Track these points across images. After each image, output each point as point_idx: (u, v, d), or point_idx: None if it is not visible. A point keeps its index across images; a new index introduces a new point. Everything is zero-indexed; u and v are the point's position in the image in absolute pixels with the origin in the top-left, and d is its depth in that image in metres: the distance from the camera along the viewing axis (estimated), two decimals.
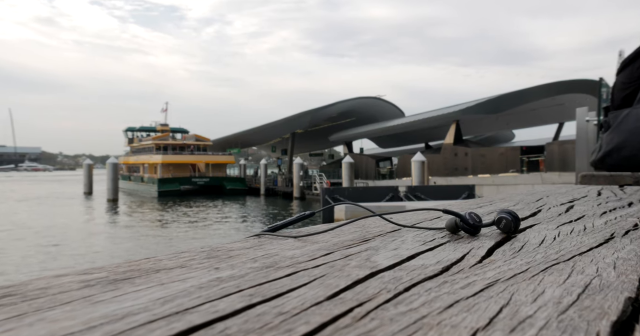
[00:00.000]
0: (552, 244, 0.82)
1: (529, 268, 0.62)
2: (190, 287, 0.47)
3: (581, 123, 10.57)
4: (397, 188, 16.36)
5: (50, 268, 10.15)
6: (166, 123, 52.45)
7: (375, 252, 0.71)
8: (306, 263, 0.62)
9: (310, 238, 0.85)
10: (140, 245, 13.59)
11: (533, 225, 1.10)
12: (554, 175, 21.45)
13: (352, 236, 0.89)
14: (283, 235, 0.86)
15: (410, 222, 1.11)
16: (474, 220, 0.91)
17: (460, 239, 0.87)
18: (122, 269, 0.55)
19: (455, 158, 29.45)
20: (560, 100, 30.27)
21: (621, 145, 4.25)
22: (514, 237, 0.92)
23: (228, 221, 20.25)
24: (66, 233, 15.43)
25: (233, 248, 0.73)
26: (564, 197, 2.23)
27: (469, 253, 0.72)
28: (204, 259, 0.63)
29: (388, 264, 0.62)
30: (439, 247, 0.77)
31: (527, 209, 1.59)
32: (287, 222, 0.96)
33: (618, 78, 4.66)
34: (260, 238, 0.86)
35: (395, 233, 0.93)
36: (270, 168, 48.92)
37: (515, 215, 0.95)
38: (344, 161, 27.89)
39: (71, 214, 21.77)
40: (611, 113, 4.55)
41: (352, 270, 0.58)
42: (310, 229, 0.97)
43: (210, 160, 43.54)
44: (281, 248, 0.74)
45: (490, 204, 1.84)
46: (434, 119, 32.88)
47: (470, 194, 16.31)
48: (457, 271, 0.59)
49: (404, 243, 0.80)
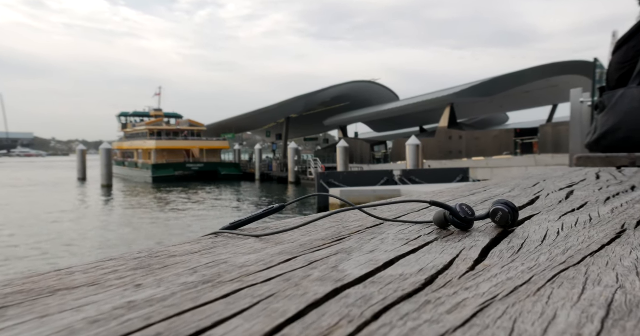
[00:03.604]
0: (556, 241, 0.70)
1: (532, 277, 0.50)
2: (81, 322, 0.34)
3: (575, 105, 10.47)
4: (391, 172, 16.30)
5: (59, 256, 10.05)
6: (160, 109, 52.05)
7: (347, 256, 0.59)
8: (257, 275, 0.50)
9: (275, 237, 0.73)
10: (136, 231, 13.48)
11: (532, 216, 0.99)
12: (547, 157, 21.43)
13: (325, 233, 0.77)
14: (244, 233, 0.74)
15: (395, 214, 1.00)
16: (465, 213, 0.79)
17: (450, 236, 0.75)
18: (9, 290, 0.42)
19: (450, 141, 29.37)
20: (554, 81, 30.14)
21: (616, 126, 4.17)
22: (511, 231, 0.80)
23: (222, 206, 20.14)
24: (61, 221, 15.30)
25: (176, 253, 0.61)
26: (561, 181, 2.11)
27: (459, 256, 0.60)
28: (129, 271, 0.51)
29: (359, 275, 0.50)
30: (424, 248, 0.65)
31: (524, 196, 1.47)
32: (253, 217, 0.84)
33: (613, 58, 4.56)
34: (217, 237, 0.74)
35: (376, 229, 0.81)
36: (265, 153, 48.82)
37: (513, 206, 0.83)
38: (338, 145, 27.74)
39: (68, 200, 21.60)
40: (606, 94, 4.47)
41: (312, 285, 0.46)
42: (280, 225, 0.85)
43: (204, 146, 43.33)
44: (235, 252, 0.62)
45: (484, 190, 1.72)
46: (429, 103, 32.73)
47: (465, 177, 16.26)
48: (443, 284, 0.48)
49: (384, 243, 0.68)
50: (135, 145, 45.59)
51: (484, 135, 29.65)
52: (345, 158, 26.99)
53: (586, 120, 9.83)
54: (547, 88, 31.52)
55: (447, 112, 31.03)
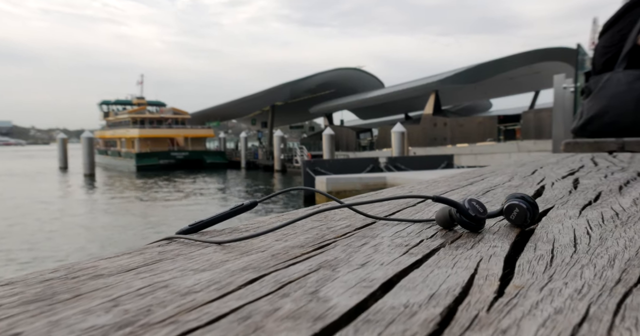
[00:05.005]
0: (591, 245, 0.57)
1: (589, 307, 0.36)
2: None
3: (558, 91, 10.43)
4: (377, 160, 16.21)
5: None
6: (142, 97, 51.31)
7: (332, 274, 0.45)
8: (203, 309, 0.35)
9: (241, 244, 0.58)
10: (118, 220, 13.23)
11: (548, 210, 0.85)
12: (529, 143, 21.50)
13: (304, 238, 0.62)
14: (203, 239, 0.59)
15: (387, 210, 0.85)
16: (476, 211, 0.64)
17: (459, 239, 0.61)
18: None
19: (435, 128, 29.32)
20: (536, 68, 30.16)
21: (603, 111, 4.11)
22: (531, 232, 0.66)
23: (208, 195, 19.91)
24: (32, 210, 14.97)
25: (104, 271, 0.46)
26: (560, 168, 1.99)
27: (477, 271, 0.46)
28: (18, 306, 0.36)
29: (347, 307, 0.36)
30: (430, 258, 0.51)
31: (527, 185, 1.34)
32: (218, 216, 0.69)
33: (599, 42, 4.48)
34: (169, 244, 0.59)
35: (367, 231, 0.67)
36: (251, 141, 48.45)
37: (531, 201, 0.69)
38: (324, 133, 27.54)
39: (49, 190, 21.19)
40: (592, 78, 4.41)
41: (279, 328, 0.32)
42: (252, 226, 0.70)
43: (188, 134, 42.82)
44: (184, 269, 0.47)
45: (481, 179, 1.58)
46: (414, 90, 32.61)
47: (449, 164, 16.25)
48: (467, 323, 0.33)
49: (378, 252, 0.54)
50: (118, 133, 44.93)
51: (468, 121, 29.61)
52: (331, 145, 26.82)
53: (569, 106, 9.79)
54: (529, 74, 31.53)
55: (431, 99, 30.94)
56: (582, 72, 7.29)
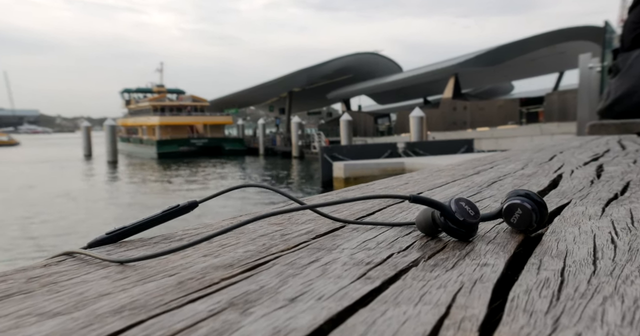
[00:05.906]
0: (617, 261, 0.42)
1: None
2: None
3: (584, 71, 10.05)
4: (395, 145, 15.98)
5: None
6: (162, 84, 51.66)
7: (236, 321, 0.31)
8: None
9: (153, 262, 0.45)
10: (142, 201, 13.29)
11: (562, 208, 0.70)
12: (553, 125, 21.01)
13: (244, 250, 0.49)
14: (102, 257, 0.45)
15: (371, 207, 0.71)
16: (464, 214, 0.50)
17: (440, 253, 0.47)
18: None
19: (454, 112, 28.86)
20: (560, 48, 29.36)
21: (631, 90, 3.92)
22: (537, 239, 0.51)
23: (229, 178, 20.01)
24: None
25: None
26: (582, 153, 1.81)
27: (449, 313, 0.32)
28: None
29: None
30: (390, 287, 0.37)
31: (542, 174, 1.18)
32: (145, 221, 0.56)
33: (629, 17, 4.27)
34: (64, 261, 0.46)
35: (329, 239, 0.53)
36: (269, 128, 48.48)
37: (538, 200, 0.54)
38: (342, 119, 27.30)
39: (75, 176, 21.46)
40: (620, 56, 4.21)
41: None
42: (192, 232, 0.57)
43: (208, 121, 43.03)
44: (29, 313, 0.33)
45: (490, 167, 1.43)
46: (432, 73, 32.08)
47: (469, 148, 15.94)
48: None
49: (324, 275, 0.40)
50: (139, 121, 45.35)
51: (488, 105, 29.03)
52: (349, 131, 26.57)
53: (595, 86, 9.43)
54: (553, 55, 30.72)
55: (451, 83, 30.38)
56: (610, 50, 6.98)
